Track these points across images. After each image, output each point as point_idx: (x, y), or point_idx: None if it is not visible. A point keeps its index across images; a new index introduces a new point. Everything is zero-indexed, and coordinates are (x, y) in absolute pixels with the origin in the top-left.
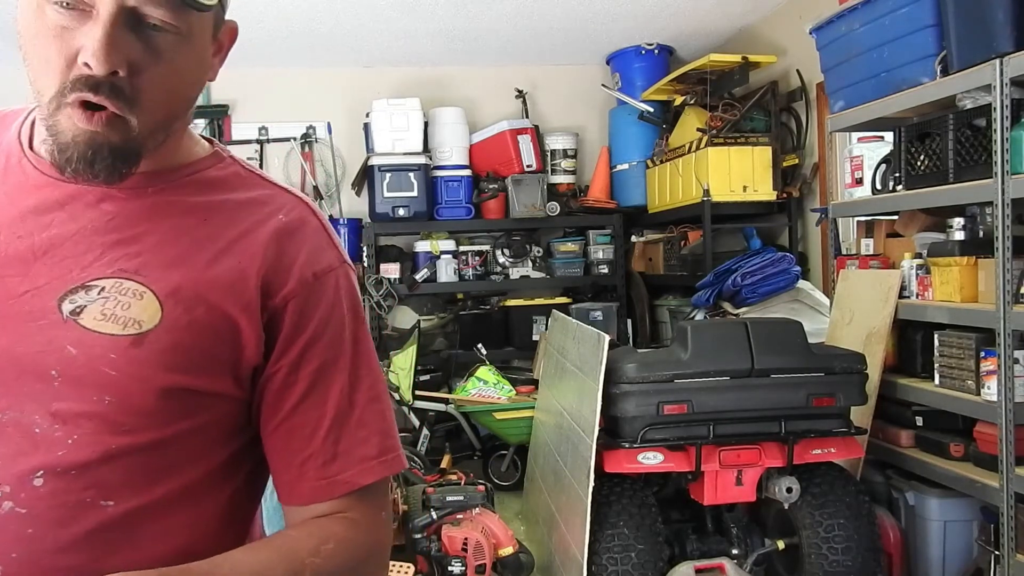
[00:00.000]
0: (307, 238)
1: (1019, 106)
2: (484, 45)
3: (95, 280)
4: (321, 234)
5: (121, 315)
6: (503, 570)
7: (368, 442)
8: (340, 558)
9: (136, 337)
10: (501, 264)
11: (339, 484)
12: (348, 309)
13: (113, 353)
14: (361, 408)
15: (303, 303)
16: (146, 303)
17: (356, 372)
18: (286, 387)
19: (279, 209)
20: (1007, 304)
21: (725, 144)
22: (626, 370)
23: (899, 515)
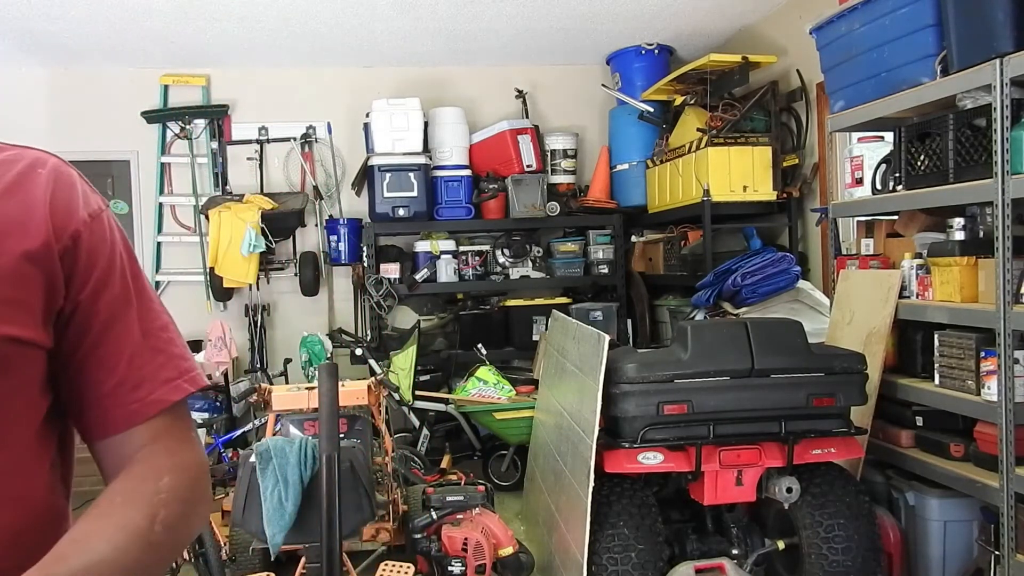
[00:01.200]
0: (73, 185)
1: (1019, 106)
2: (484, 45)
3: None
4: (80, 181)
5: None
6: (503, 570)
7: (168, 365)
8: (180, 484)
9: None
10: (501, 264)
11: (151, 404)
12: (123, 248)
13: None
14: (154, 336)
15: (88, 242)
16: None
17: (143, 304)
18: (85, 323)
19: (35, 163)
20: (1007, 304)
21: (725, 144)
22: (626, 370)
23: (899, 515)
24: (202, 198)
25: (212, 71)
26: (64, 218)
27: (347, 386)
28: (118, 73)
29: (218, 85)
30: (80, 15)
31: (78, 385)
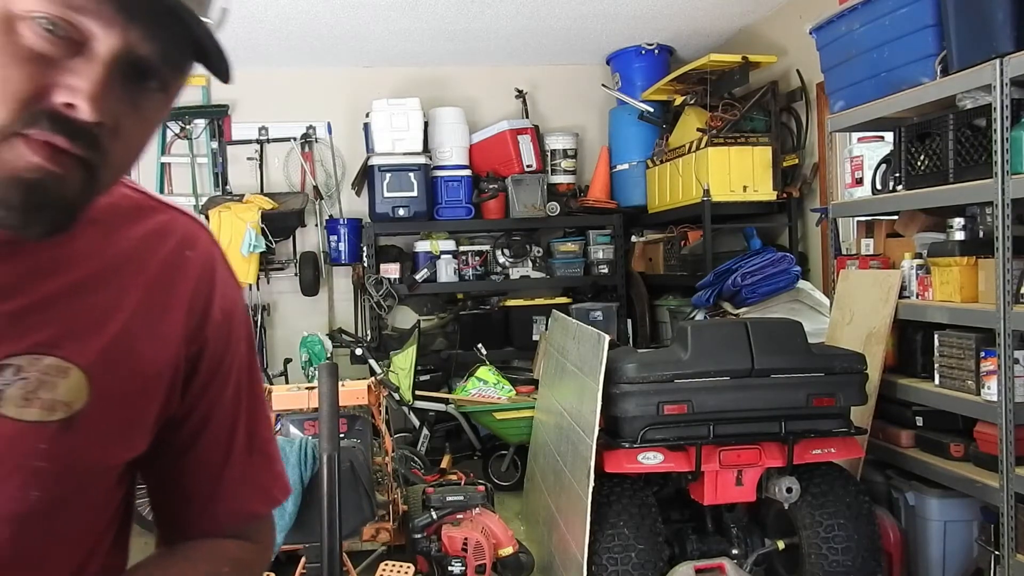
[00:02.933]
0: (216, 274)
1: (1019, 106)
2: (484, 45)
3: (7, 359)
4: (224, 266)
5: (46, 397)
6: (503, 570)
7: (265, 472)
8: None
9: (65, 421)
10: (501, 264)
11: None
12: (246, 343)
13: (43, 443)
14: (259, 440)
15: (215, 347)
16: (72, 380)
17: (253, 406)
18: (196, 427)
19: (183, 242)
20: (1007, 304)
21: (725, 144)
22: (626, 370)
23: (899, 515)
24: (202, 198)
25: None
26: (199, 322)
27: (347, 386)
28: None
29: (218, 85)
30: None
31: (175, 487)
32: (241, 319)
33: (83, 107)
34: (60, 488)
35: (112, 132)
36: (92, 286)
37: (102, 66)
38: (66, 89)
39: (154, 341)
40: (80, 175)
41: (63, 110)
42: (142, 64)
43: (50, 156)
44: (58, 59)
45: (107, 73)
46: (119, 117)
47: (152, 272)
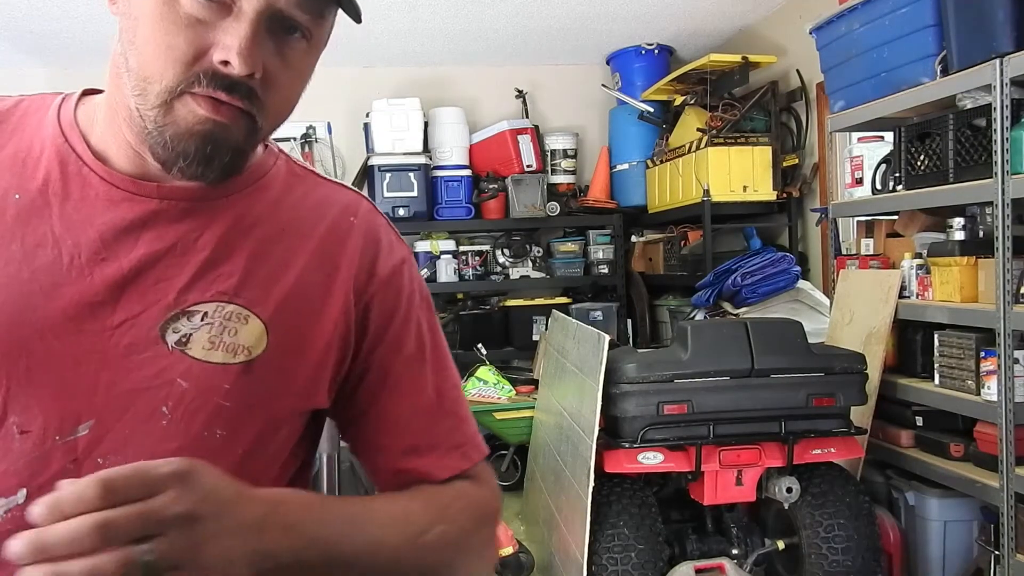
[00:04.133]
0: (378, 238)
1: (1019, 106)
2: (484, 45)
3: (195, 305)
4: (388, 229)
5: (229, 341)
6: (503, 570)
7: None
8: (470, 514)
9: (246, 364)
10: (501, 264)
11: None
12: (421, 300)
13: (227, 383)
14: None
15: (384, 301)
16: (251, 327)
17: (437, 362)
18: (377, 384)
19: (347, 210)
20: (1007, 304)
21: (725, 144)
22: (626, 370)
23: (899, 515)
24: None
25: None
26: (365, 280)
27: None
28: None
29: None
30: (80, 15)
31: (367, 445)
32: (410, 278)
33: (236, 62)
34: (242, 428)
35: (265, 83)
36: (268, 246)
37: (248, 24)
38: (221, 48)
39: (325, 298)
40: (243, 123)
41: (220, 67)
42: (285, 17)
43: (215, 108)
44: (212, 22)
45: (253, 30)
46: (271, 68)
47: (319, 236)
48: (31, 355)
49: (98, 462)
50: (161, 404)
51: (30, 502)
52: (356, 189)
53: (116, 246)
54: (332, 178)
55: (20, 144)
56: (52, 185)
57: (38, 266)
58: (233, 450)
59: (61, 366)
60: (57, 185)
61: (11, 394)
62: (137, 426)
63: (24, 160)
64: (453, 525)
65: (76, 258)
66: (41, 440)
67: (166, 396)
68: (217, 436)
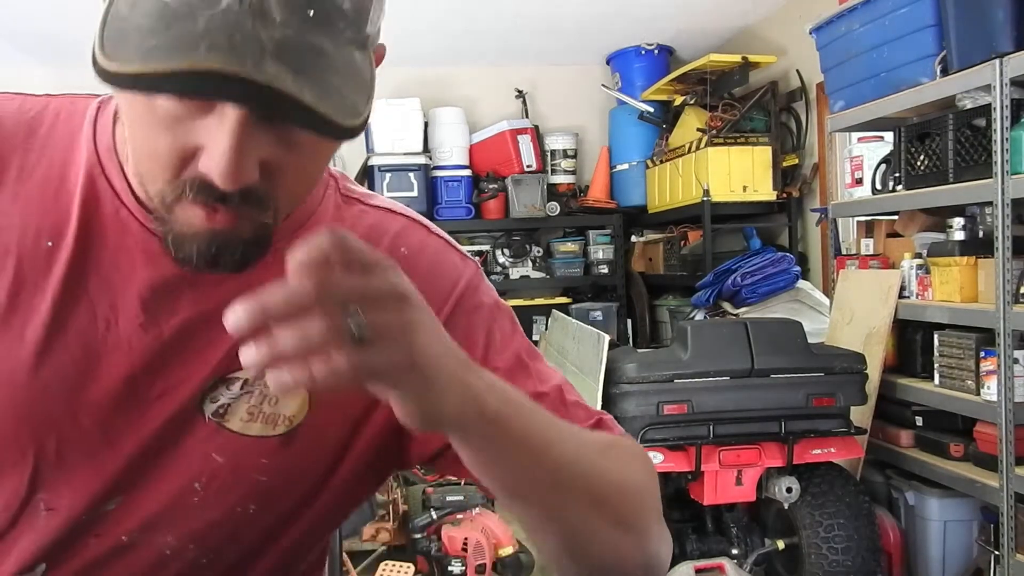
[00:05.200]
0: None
1: (1019, 106)
2: (484, 45)
3: (235, 373)
4: (444, 251)
5: (269, 411)
6: (503, 570)
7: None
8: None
9: (285, 436)
10: (501, 264)
11: None
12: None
13: (264, 457)
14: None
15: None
16: (294, 393)
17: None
18: None
19: (396, 239)
20: (1007, 304)
21: (725, 144)
22: (626, 370)
23: (899, 515)
24: None
25: None
26: None
27: None
28: None
29: None
30: (81, 15)
31: None
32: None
33: (221, 182)
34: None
35: (268, 178)
36: None
37: (230, 133)
38: (205, 158)
39: None
40: (248, 224)
41: (207, 178)
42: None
43: (211, 217)
44: (192, 121)
45: (237, 138)
46: (273, 161)
47: None
48: (61, 434)
49: (122, 539)
50: (194, 480)
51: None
52: (406, 210)
53: (156, 309)
54: (381, 200)
55: (51, 168)
56: (86, 229)
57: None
58: (266, 522)
59: (93, 444)
60: (94, 229)
61: (39, 473)
62: (167, 502)
63: (56, 193)
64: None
65: (113, 324)
66: (68, 518)
67: (200, 472)
68: (251, 511)
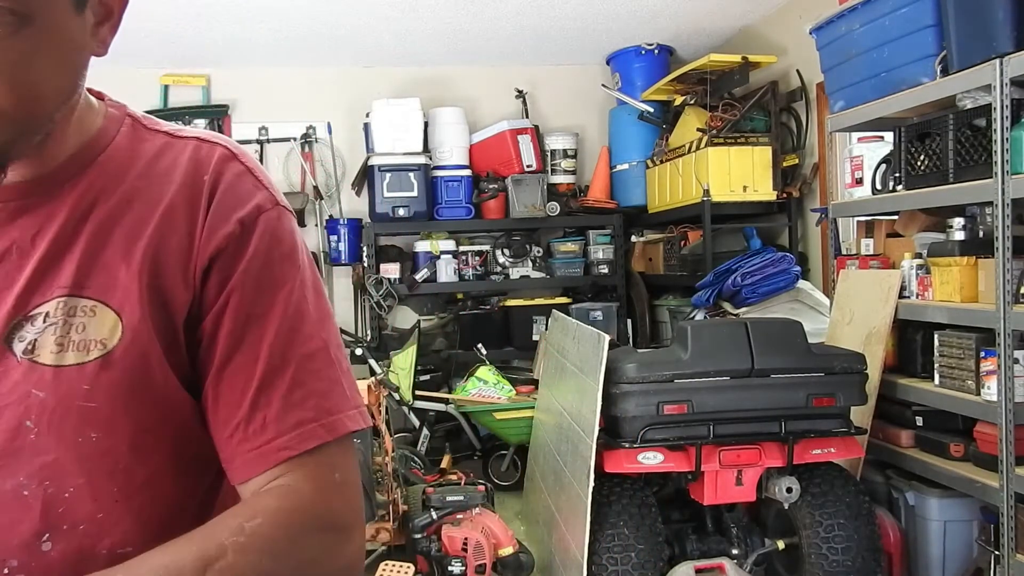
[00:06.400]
0: (229, 186)
1: (1019, 106)
2: (484, 45)
3: (37, 308)
4: (246, 177)
5: (78, 338)
6: (503, 570)
7: (303, 405)
8: (271, 532)
9: (103, 359)
10: (501, 264)
11: (270, 454)
12: (281, 256)
13: (86, 384)
14: (296, 366)
15: (228, 257)
16: (101, 318)
17: (292, 326)
18: (209, 351)
19: (200, 162)
20: (1007, 304)
21: (725, 144)
22: (626, 370)
23: (899, 515)
24: None
25: (212, 71)
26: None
27: None
28: (118, 73)
29: (218, 85)
30: None
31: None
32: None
33: None
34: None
35: None
36: (111, 224)
37: None
38: None
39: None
40: None
41: None
42: None
43: None
44: None
45: None
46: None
47: (169, 198)
48: None
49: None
50: (23, 419)
51: None
52: (215, 136)
53: None
54: (187, 129)
55: None
56: None
57: None
58: (116, 449)
59: None
60: None
61: None
62: (5, 446)
63: None
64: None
65: None
66: None
67: (26, 410)
68: (93, 439)
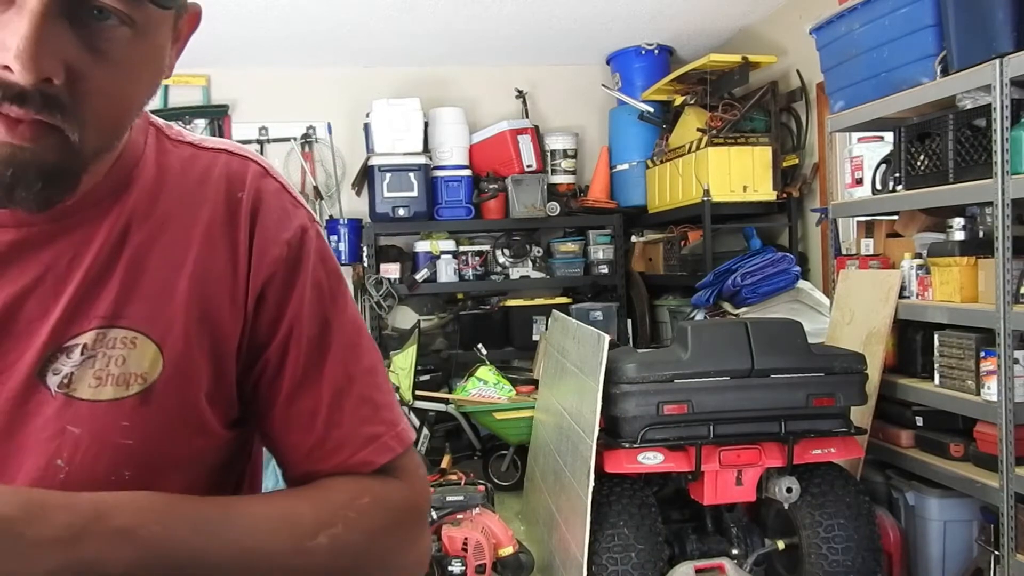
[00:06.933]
0: (271, 207)
1: (1019, 106)
2: (484, 45)
3: (73, 339)
4: (283, 196)
5: (117, 372)
6: (503, 570)
7: (373, 419)
8: (376, 514)
9: (143, 394)
10: (501, 264)
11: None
12: (330, 273)
13: (125, 420)
14: (360, 381)
15: (280, 282)
16: (141, 350)
17: (352, 342)
18: (275, 381)
19: (232, 180)
20: (1007, 304)
21: (725, 144)
22: (626, 370)
23: (899, 515)
24: None
25: (212, 71)
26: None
27: None
28: None
29: (218, 85)
30: None
31: (275, 450)
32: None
33: (17, 68)
34: (155, 463)
35: (74, 86)
36: (148, 247)
37: (30, 17)
38: (3, 51)
39: (227, 292)
40: (51, 140)
41: (5, 75)
42: (86, 1)
43: (8, 128)
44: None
45: (37, 23)
46: (79, 67)
47: (206, 219)
48: None
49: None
50: (55, 457)
51: None
52: (242, 148)
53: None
54: (212, 140)
55: None
56: None
57: None
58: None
59: None
60: None
61: None
62: (32, 485)
63: None
64: (351, 528)
65: None
66: None
67: (59, 447)
68: (126, 477)
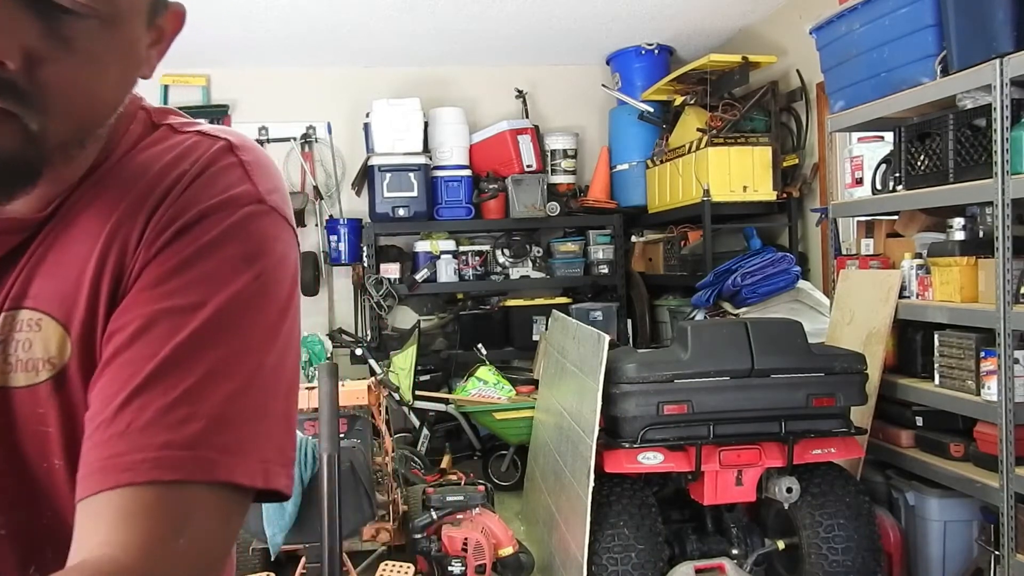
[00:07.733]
0: (210, 178)
1: (1019, 106)
2: (484, 45)
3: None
4: (233, 171)
5: (25, 357)
6: (503, 570)
7: (185, 426)
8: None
9: (55, 379)
10: (501, 264)
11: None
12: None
13: (40, 407)
14: (199, 380)
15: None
16: (46, 332)
17: (215, 337)
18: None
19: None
20: (1007, 304)
21: (725, 144)
22: (626, 370)
23: (899, 515)
24: None
25: (212, 71)
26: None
27: (347, 386)
28: None
29: (218, 85)
30: None
31: None
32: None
33: None
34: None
35: (34, 73)
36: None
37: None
38: None
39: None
40: (12, 128)
41: None
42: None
43: None
44: None
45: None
46: (39, 54)
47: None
48: None
49: None
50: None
51: None
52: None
53: None
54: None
55: None
56: None
57: None
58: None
59: None
60: None
61: None
62: None
63: None
64: None
65: None
66: None
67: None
68: (56, 466)
